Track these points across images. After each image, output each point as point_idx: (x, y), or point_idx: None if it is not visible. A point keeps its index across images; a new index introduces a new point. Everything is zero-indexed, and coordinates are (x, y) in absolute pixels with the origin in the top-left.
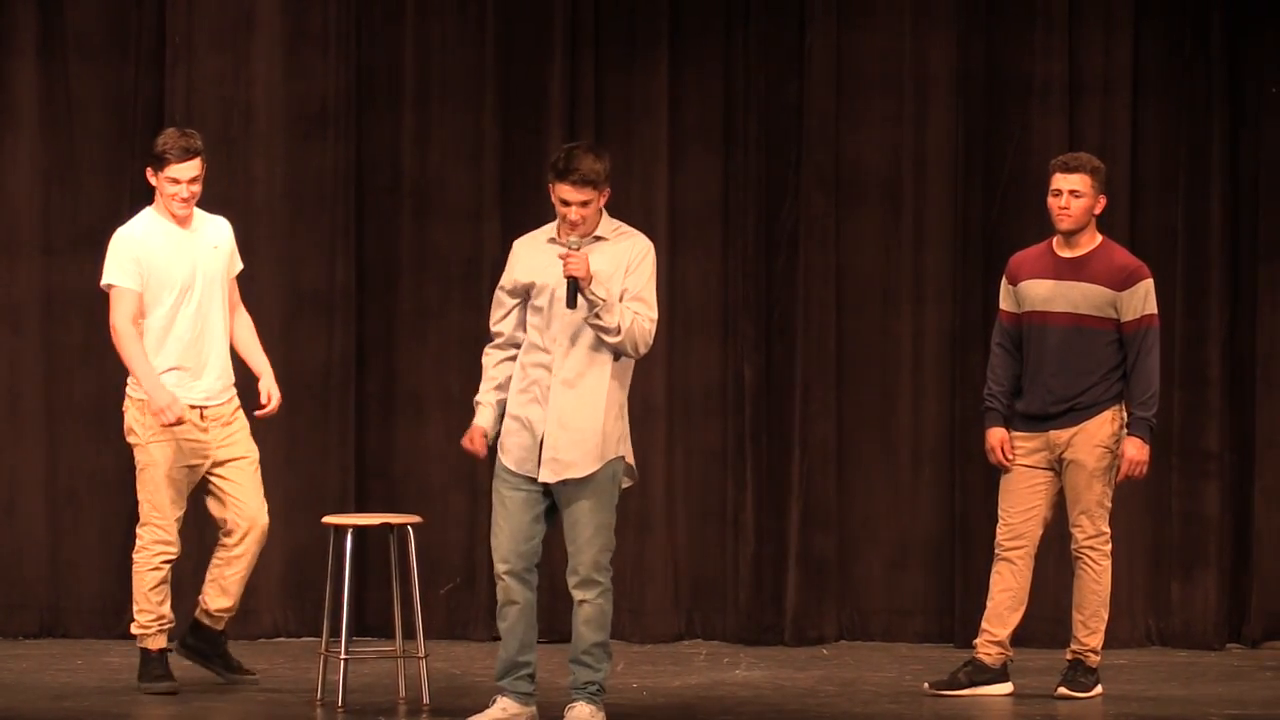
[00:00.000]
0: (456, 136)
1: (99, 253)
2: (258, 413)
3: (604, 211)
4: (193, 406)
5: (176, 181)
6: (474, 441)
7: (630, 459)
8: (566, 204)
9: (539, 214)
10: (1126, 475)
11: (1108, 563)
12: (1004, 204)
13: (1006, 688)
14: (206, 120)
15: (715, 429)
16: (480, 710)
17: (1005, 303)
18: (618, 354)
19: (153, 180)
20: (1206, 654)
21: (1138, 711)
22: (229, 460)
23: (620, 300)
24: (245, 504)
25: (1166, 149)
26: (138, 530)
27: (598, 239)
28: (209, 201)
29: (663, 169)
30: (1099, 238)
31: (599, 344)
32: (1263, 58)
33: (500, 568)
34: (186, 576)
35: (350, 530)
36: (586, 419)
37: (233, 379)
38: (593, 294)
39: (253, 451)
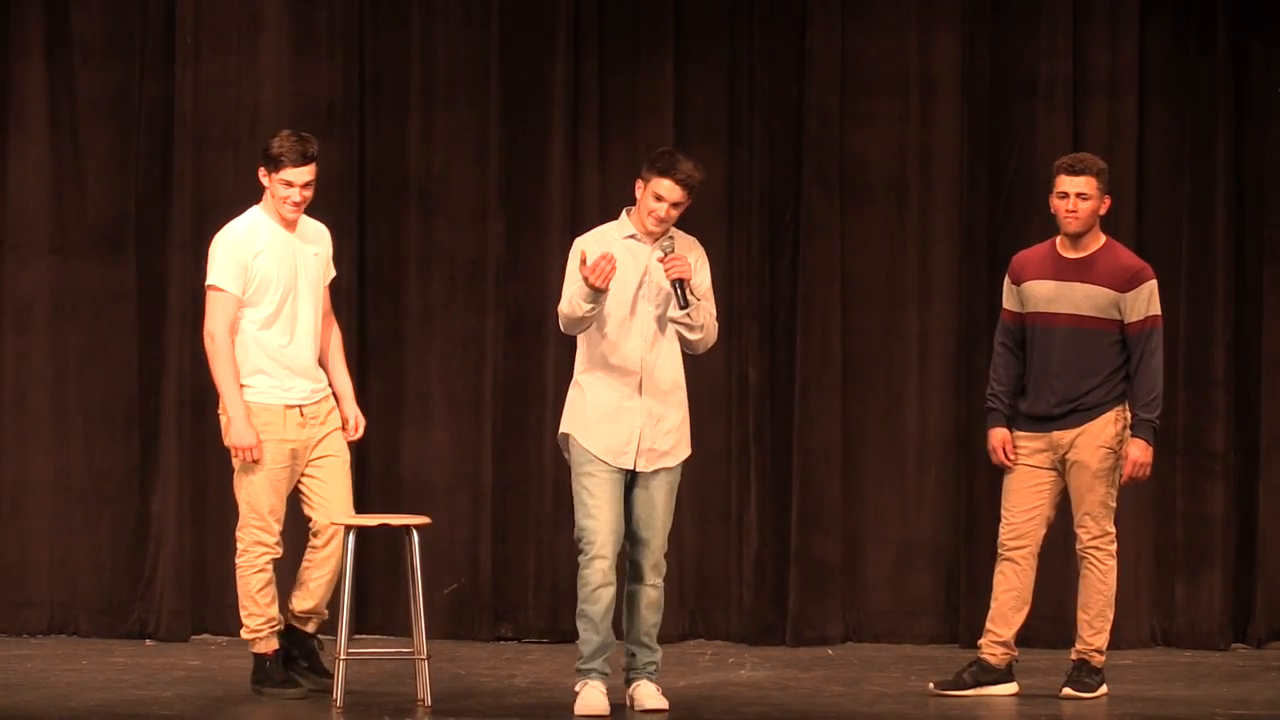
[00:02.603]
0: (461, 136)
1: (106, 252)
2: (348, 440)
3: None
4: (289, 406)
5: (290, 185)
6: (605, 260)
7: None
8: (660, 200)
9: (543, 213)
10: (1130, 477)
11: (1113, 563)
12: (1009, 203)
13: (1011, 688)
14: (212, 121)
15: (719, 429)
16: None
17: (1008, 302)
18: (687, 349)
19: (264, 181)
20: (1211, 654)
21: (1142, 712)
22: (320, 458)
23: None
24: (331, 505)
25: (1171, 149)
26: (237, 534)
27: (670, 238)
28: (216, 201)
29: None
30: (1103, 238)
31: (668, 337)
32: (1268, 57)
33: (599, 551)
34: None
35: (352, 531)
36: (675, 410)
37: (326, 378)
38: (694, 294)
39: (343, 451)
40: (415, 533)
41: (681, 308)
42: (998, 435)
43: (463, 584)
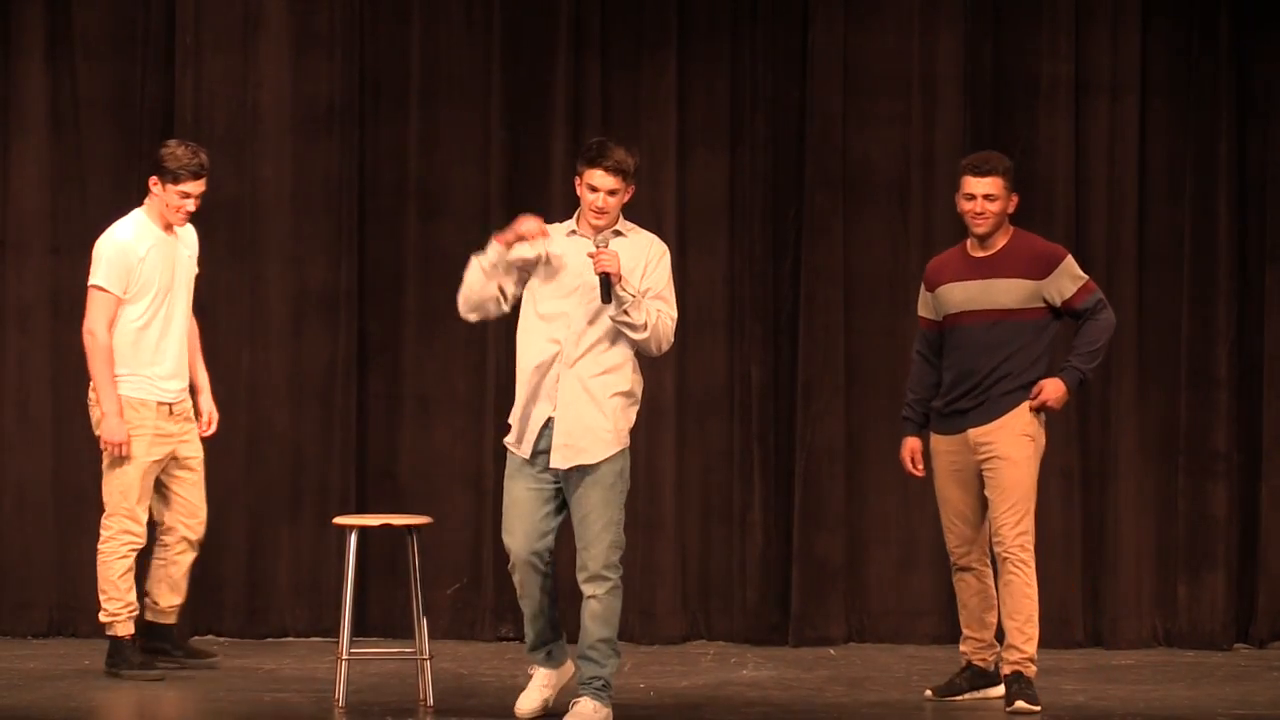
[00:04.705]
0: (462, 137)
1: None
2: (201, 434)
3: (620, 213)
4: (162, 404)
5: (187, 196)
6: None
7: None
8: (595, 190)
9: (545, 214)
10: (1039, 403)
11: (1033, 565)
12: None
13: (1000, 690)
14: (214, 121)
15: (722, 429)
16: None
17: (923, 310)
18: (636, 349)
19: (156, 189)
20: (1214, 654)
21: (1144, 712)
22: (184, 457)
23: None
24: (189, 514)
25: (1174, 149)
26: (104, 521)
27: (617, 234)
28: (217, 202)
29: (670, 169)
30: (1010, 230)
31: (608, 335)
32: (1270, 57)
33: (514, 560)
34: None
35: (354, 531)
36: (597, 407)
37: (189, 379)
38: (624, 290)
39: (200, 451)
40: (416, 533)
41: (604, 302)
42: (907, 445)
43: (464, 584)
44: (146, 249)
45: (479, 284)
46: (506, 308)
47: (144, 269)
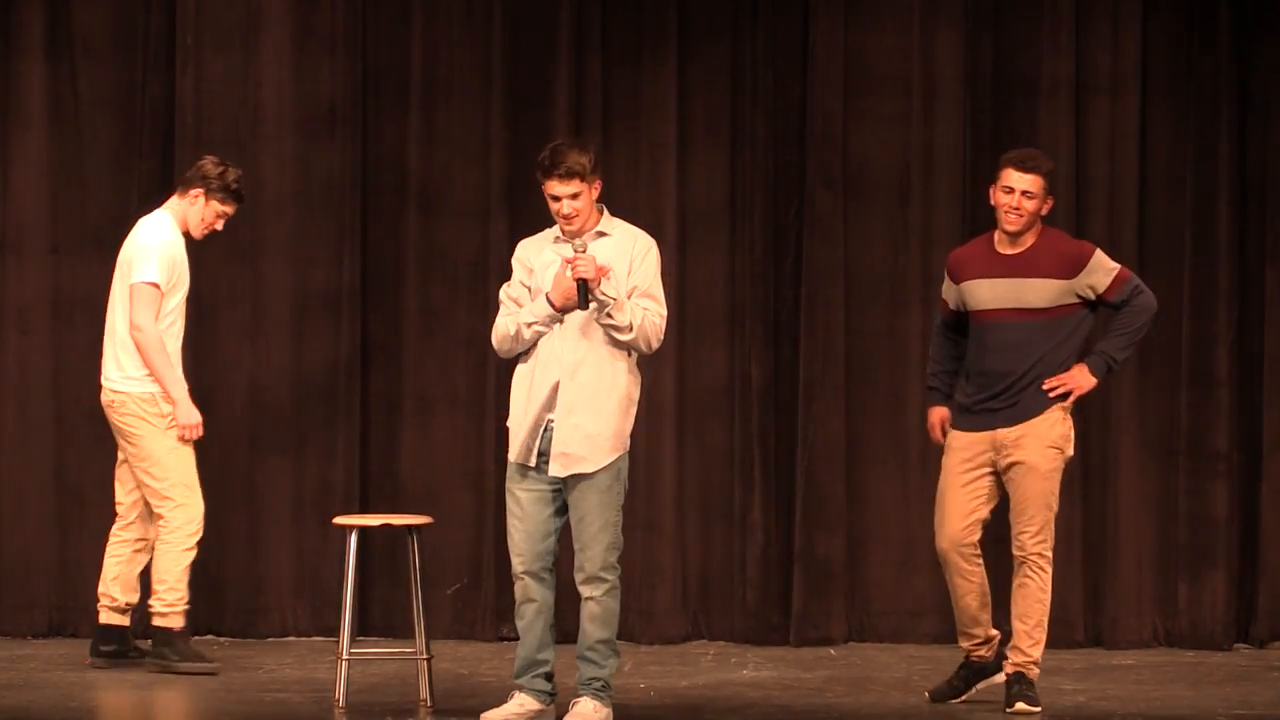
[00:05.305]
0: (463, 136)
1: (107, 252)
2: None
3: (604, 209)
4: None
5: (224, 216)
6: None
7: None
8: (557, 199)
9: (546, 213)
10: (1062, 390)
11: (1050, 571)
12: None
13: (999, 677)
14: (215, 120)
15: (723, 429)
16: (494, 706)
17: (946, 294)
18: (627, 350)
19: (198, 201)
20: (1214, 654)
21: (1145, 712)
22: None
23: (629, 298)
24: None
25: (1174, 148)
26: (166, 514)
27: (601, 234)
28: None
29: (670, 168)
30: (1040, 228)
31: (605, 339)
32: (1270, 56)
33: (517, 567)
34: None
35: (354, 531)
36: (596, 414)
37: None
38: (603, 294)
39: None
40: (417, 533)
41: (581, 308)
42: (936, 413)
43: (464, 584)
44: (181, 248)
45: (529, 341)
46: None
47: (183, 269)
